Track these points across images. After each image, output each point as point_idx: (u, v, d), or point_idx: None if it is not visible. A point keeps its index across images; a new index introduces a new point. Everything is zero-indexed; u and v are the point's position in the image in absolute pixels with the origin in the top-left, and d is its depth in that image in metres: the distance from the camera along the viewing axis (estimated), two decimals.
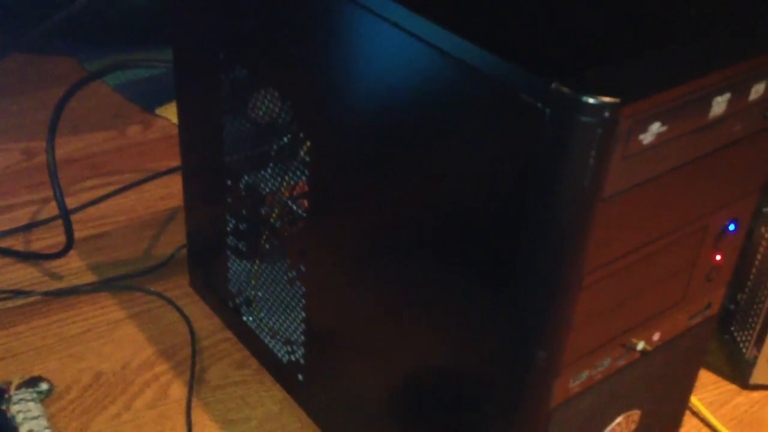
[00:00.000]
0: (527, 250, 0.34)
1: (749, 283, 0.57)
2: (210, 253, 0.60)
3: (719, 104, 0.35)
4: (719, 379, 0.60)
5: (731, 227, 0.41)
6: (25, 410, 0.51)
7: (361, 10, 0.38)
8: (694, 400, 0.56)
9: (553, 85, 0.30)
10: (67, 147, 0.79)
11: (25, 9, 0.87)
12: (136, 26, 0.94)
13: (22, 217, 0.70)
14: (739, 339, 0.60)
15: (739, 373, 0.59)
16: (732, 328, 0.60)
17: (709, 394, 0.58)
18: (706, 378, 0.59)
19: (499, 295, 0.36)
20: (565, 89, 0.30)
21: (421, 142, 0.37)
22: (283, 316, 0.54)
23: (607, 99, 0.30)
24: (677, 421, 0.50)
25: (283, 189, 0.51)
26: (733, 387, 0.59)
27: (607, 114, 0.30)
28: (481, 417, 0.39)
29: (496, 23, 0.36)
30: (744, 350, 0.59)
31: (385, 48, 0.37)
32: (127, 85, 0.91)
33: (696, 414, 0.57)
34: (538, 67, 0.31)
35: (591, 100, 0.30)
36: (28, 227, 0.69)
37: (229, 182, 0.54)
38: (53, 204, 0.68)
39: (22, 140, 0.80)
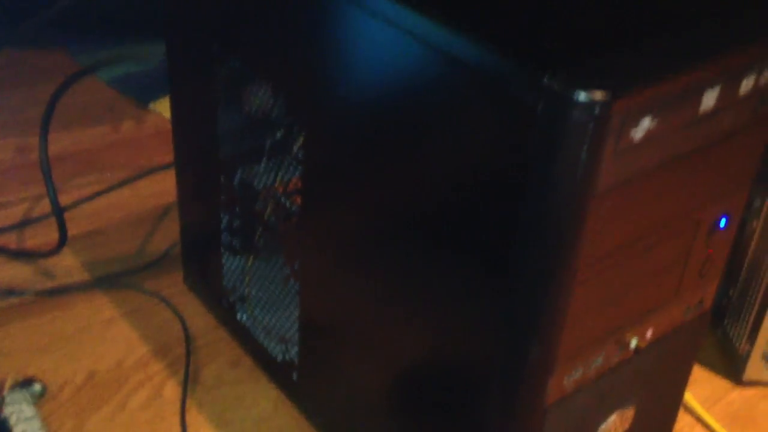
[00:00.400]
0: (520, 245, 0.34)
1: (741, 278, 0.57)
2: (204, 250, 0.60)
3: (710, 98, 0.34)
4: (713, 374, 0.60)
5: (723, 222, 0.41)
6: (19, 411, 0.51)
7: (352, 3, 0.37)
8: (688, 397, 0.56)
9: (544, 81, 0.30)
10: (60, 143, 0.79)
11: (18, 3, 0.86)
12: (129, 19, 0.93)
13: (15, 214, 0.70)
14: (731, 334, 0.60)
15: (732, 369, 0.60)
16: (725, 323, 0.60)
17: (703, 390, 0.58)
18: (699, 374, 0.59)
19: (493, 291, 0.36)
20: (556, 84, 0.30)
21: (413, 136, 0.37)
22: (277, 314, 0.54)
23: (598, 94, 0.30)
24: (671, 418, 0.50)
25: (277, 185, 0.51)
26: (726, 383, 0.59)
27: (598, 109, 0.30)
28: (476, 415, 0.39)
29: (486, 17, 0.35)
30: (737, 345, 0.59)
31: (376, 42, 0.37)
32: (121, 79, 0.90)
33: (690, 410, 0.57)
34: (528, 62, 0.31)
35: (582, 96, 0.30)
36: (22, 225, 0.69)
37: (222, 178, 0.54)
38: (46, 201, 0.68)
39: (15, 136, 0.79)
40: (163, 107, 0.86)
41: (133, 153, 0.79)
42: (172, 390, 0.56)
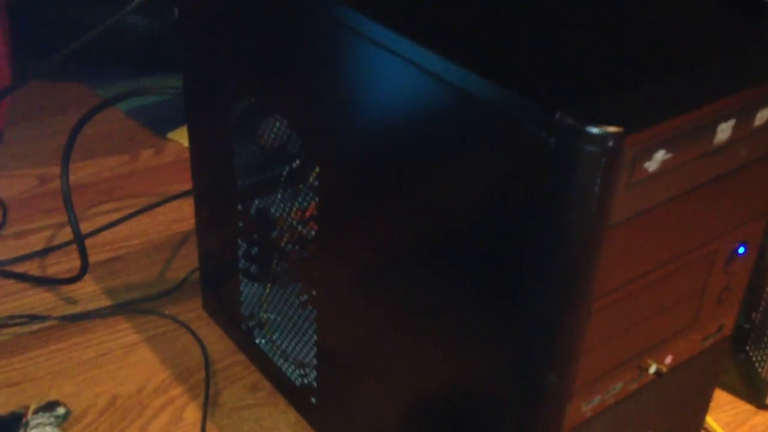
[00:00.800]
0: (536, 276, 0.34)
1: (763, 303, 0.57)
2: (222, 276, 0.60)
3: (724, 130, 0.35)
4: (735, 399, 0.59)
5: (741, 250, 0.41)
6: None
7: (366, 41, 0.38)
8: (710, 421, 0.56)
9: (558, 115, 0.30)
10: (80, 172, 0.80)
11: (41, 38, 0.88)
12: (146, 53, 0.95)
13: (37, 242, 0.71)
14: (754, 358, 0.59)
15: (755, 393, 0.59)
16: (747, 348, 0.60)
17: (726, 415, 0.58)
18: (722, 398, 0.59)
19: (509, 320, 0.36)
20: (570, 119, 0.30)
21: (427, 169, 0.38)
22: (295, 339, 0.55)
23: (611, 128, 0.30)
24: None
25: (293, 213, 0.52)
26: (749, 407, 0.59)
27: (611, 143, 0.30)
28: None
29: (499, 53, 0.36)
30: (760, 370, 0.58)
31: (391, 78, 0.38)
32: (139, 109, 0.92)
33: None
34: (541, 97, 0.32)
35: (595, 130, 0.30)
36: (44, 252, 0.70)
37: (240, 207, 0.55)
38: (68, 229, 0.69)
39: (38, 166, 0.81)
40: (180, 136, 0.88)
41: (151, 181, 0.80)
42: (192, 413, 0.56)
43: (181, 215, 0.75)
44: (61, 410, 0.54)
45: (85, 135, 0.64)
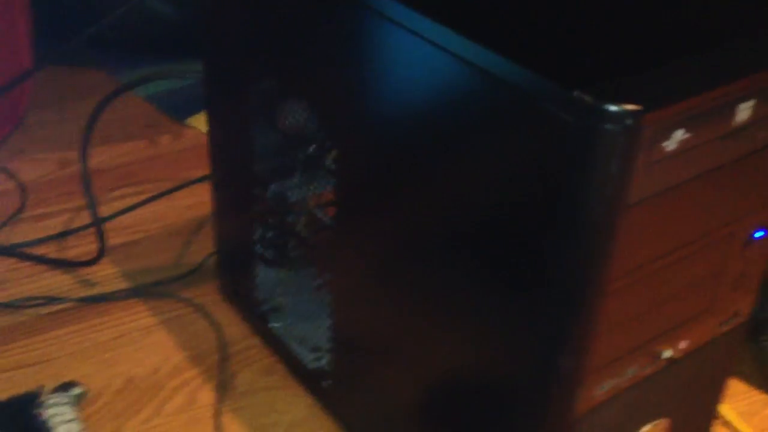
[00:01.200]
0: (552, 257, 0.34)
1: None
2: (239, 260, 0.61)
3: (744, 111, 0.35)
4: (750, 388, 0.59)
5: (759, 234, 0.41)
6: (60, 414, 0.52)
7: (386, 21, 0.38)
8: (725, 410, 0.56)
9: (575, 94, 0.30)
10: (99, 157, 0.81)
11: (61, 22, 0.89)
12: (166, 38, 0.96)
13: (56, 225, 0.72)
14: None
15: None
16: (763, 338, 0.60)
17: (740, 404, 0.58)
18: (736, 387, 0.59)
19: (524, 302, 0.36)
20: (587, 98, 0.30)
21: (446, 150, 0.38)
22: (310, 323, 0.55)
23: (629, 107, 0.30)
24: (706, 430, 0.50)
25: (309, 198, 0.52)
26: (764, 397, 0.58)
27: (629, 122, 0.30)
28: (507, 425, 0.39)
29: (518, 33, 0.36)
30: None
31: (410, 58, 0.38)
32: (158, 95, 0.92)
33: (727, 424, 0.56)
34: (559, 76, 0.32)
35: (613, 108, 0.30)
36: (62, 235, 0.70)
37: (257, 191, 0.55)
38: (86, 212, 0.70)
39: (57, 150, 0.82)
40: (199, 122, 0.88)
41: (170, 167, 0.81)
42: (207, 395, 0.56)
43: (199, 200, 0.76)
44: (77, 390, 0.54)
45: (104, 120, 0.65)
